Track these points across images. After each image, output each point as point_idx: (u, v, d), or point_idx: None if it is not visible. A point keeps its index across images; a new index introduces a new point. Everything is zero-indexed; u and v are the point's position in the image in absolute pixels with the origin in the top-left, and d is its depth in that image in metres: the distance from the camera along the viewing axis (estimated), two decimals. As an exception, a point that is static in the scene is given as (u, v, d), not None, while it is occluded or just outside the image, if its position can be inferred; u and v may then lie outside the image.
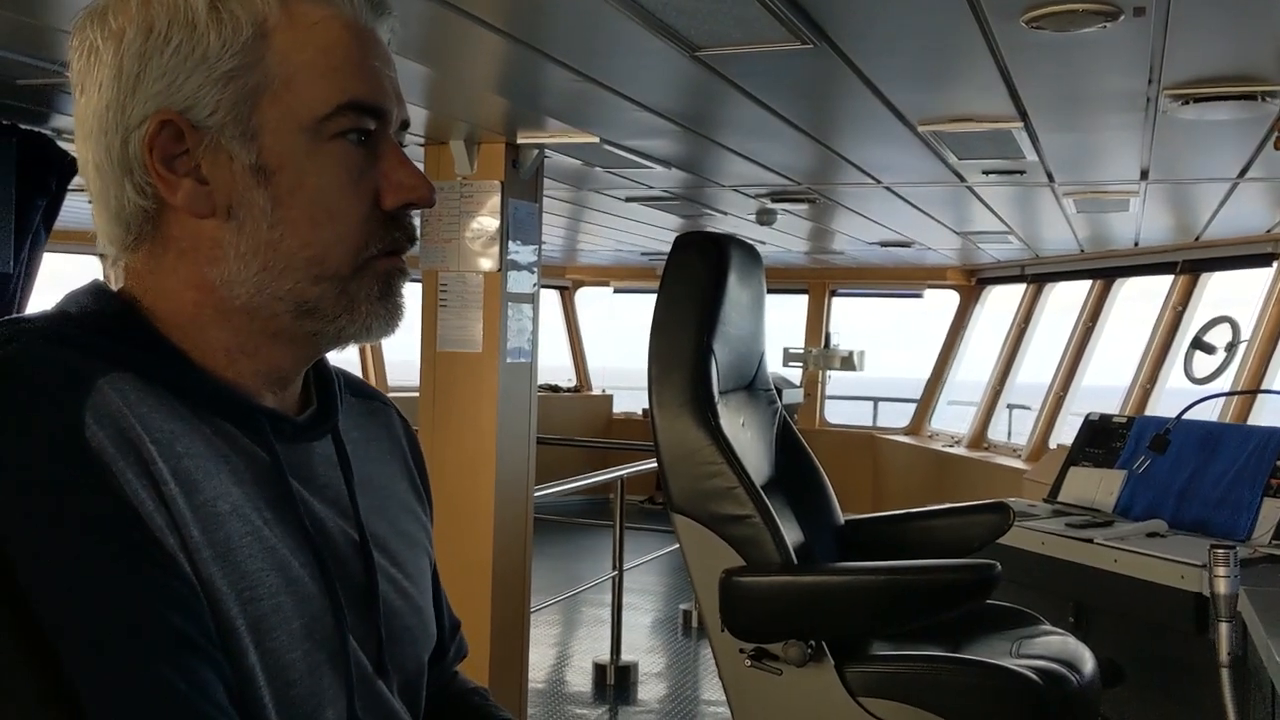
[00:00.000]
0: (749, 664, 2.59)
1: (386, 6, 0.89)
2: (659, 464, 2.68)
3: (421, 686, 0.99)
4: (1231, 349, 5.10)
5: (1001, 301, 8.72)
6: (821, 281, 9.52)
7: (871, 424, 10.20)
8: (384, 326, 0.89)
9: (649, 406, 2.72)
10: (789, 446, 3.04)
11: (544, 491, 4.42)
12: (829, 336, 9.39)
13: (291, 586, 0.82)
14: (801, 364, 9.27)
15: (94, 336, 0.82)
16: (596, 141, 3.66)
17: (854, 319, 14.93)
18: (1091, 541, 3.79)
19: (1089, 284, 7.20)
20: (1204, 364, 5.13)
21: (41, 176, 3.48)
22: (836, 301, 9.74)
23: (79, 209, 5.61)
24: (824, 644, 2.54)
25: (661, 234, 6.73)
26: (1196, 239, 5.72)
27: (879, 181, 4.48)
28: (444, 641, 1.08)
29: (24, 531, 0.71)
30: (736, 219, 5.75)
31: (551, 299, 10.59)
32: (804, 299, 9.65)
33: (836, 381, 9.76)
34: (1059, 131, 3.37)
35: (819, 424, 9.48)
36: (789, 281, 9.45)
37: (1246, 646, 2.71)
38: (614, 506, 5.12)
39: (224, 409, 0.84)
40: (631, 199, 5.21)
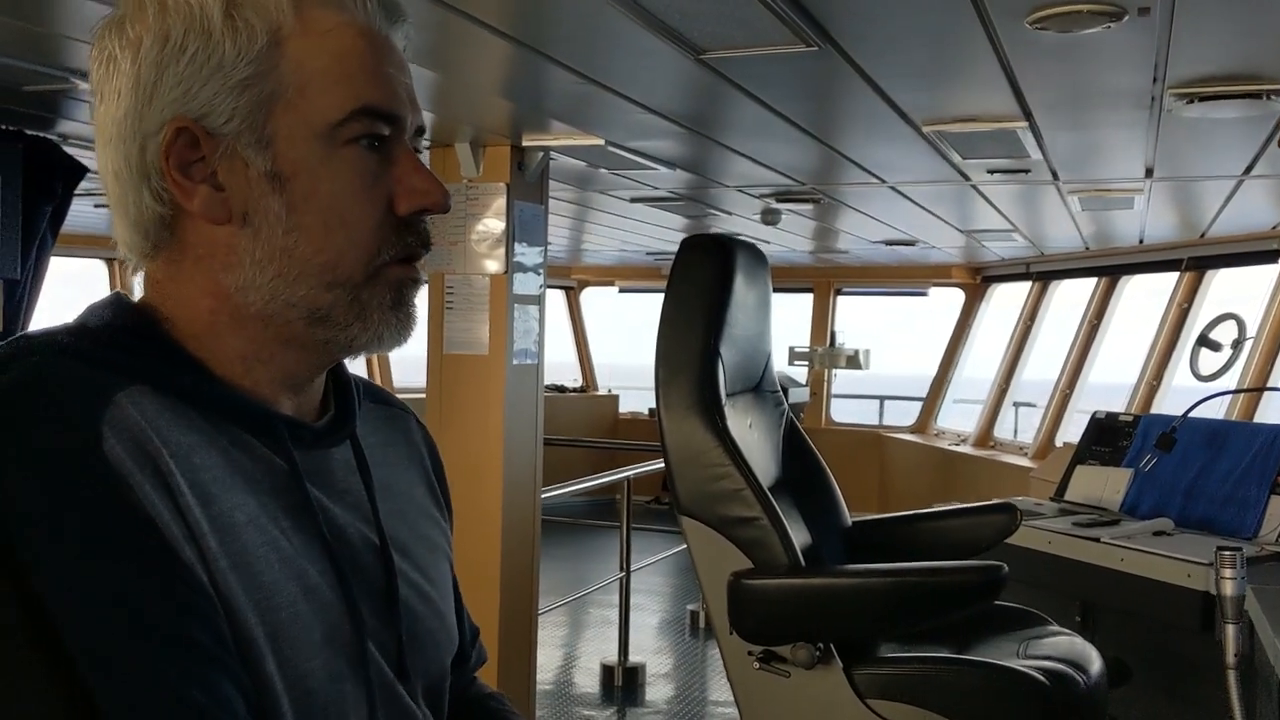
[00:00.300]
0: (757, 666, 2.59)
1: (401, 13, 0.90)
2: (666, 466, 2.69)
3: (444, 691, 1.00)
4: (1237, 346, 5.09)
5: (1007, 299, 8.72)
6: (826, 280, 9.52)
7: (878, 422, 10.20)
8: (395, 336, 0.89)
9: (656, 409, 2.72)
10: (796, 448, 3.05)
11: (551, 493, 4.42)
12: (834, 335, 9.39)
13: (310, 595, 0.83)
14: (807, 363, 9.27)
15: (111, 350, 0.83)
16: (601, 143, 3.66)
17: (859, 317, 14.92)
18: (1098, 540, 3.79)
19: (1094, 281, 7.20)
20: (1210, 361, 5.13)
21: (48, 182, 3.49)
22: (842, 300, 9.74)
23: (85, 214, 5.62)
24: (832, 646, 2.54)
25: (666, 234, 6.73)
26: (1202, 236, 5.71)
27: (883, 181, 4.48)
28: (465, 647, 1.09)
29: (43, 543, 0.72)
30: (741, 219, 5.75)
31: (557, 299, 10.60)
32: (809, 298, 9.66)
33: (842, 380, 9.76)
34: (1063, 130, 3.37)
35: (825, 423, 9.48)
36: (794, 280, 9.45)
37: (1254, 645, 2.71)
38: (621, 507, 5.13)
39: (241, 417, 0.85)
40: (636, 200, 5.21)
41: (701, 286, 2.73)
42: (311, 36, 0.84)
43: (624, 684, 4.91)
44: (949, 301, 9.14)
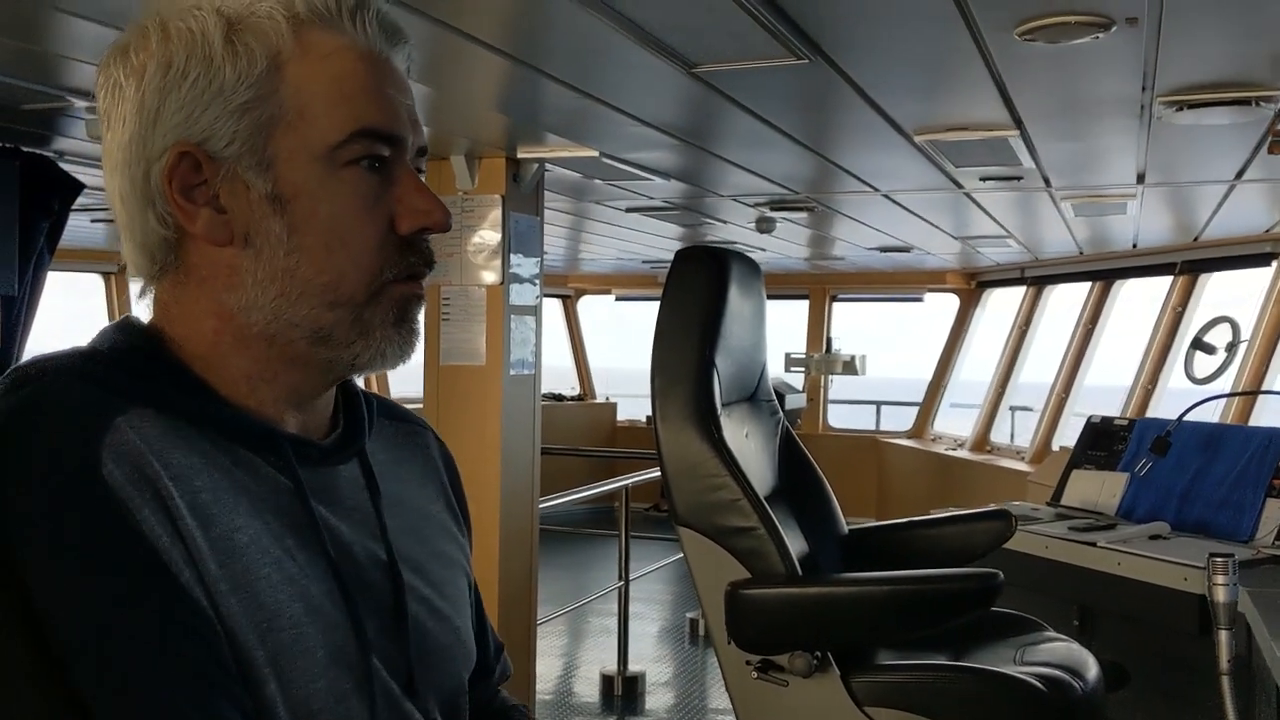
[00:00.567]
0: (755, 676, 2.60)
1: (402, 35, 0.90)
2: (663, 477, 2.70)
3: (463, 706, 1.00)
4: (1232, 349, 5.10)
5: (1002, 304, 8.75)
6: (822, 287, 9.55)
7: (875, 428, 10.22)
8: (398, 353, 0.90)
9: (653, 420, 2.73)
10: (792, 457, 3.06)
11: (549, 503, 4.43)
12: (830, 341, 9.40)
13: (313, 615, 0.83)
14: (804, 369, 9.28)
15: (116, 373, 0.84)
16: (596, 155, 3.68)
17: (856, 321, 14.95)
18: (1095, 545, 3.80)
19: (1089, 286, 7.22)
20: (1204, 364, 5.14)
21: (45, 199, 3.50)
22: (837, 305, 9.76)
23: (82, 228, 5.63)
24: (829, 654, 2.55)
25: (663, 242, 6.75)
26: (1195, 240, 5.74)
27: (877, 190, 4.50)
28: (487, 662, 1.10)
29: (43, 565, 0.73)
30: (736, 227, 5.77)
31: (554, 308, 10.61)
32: (805, 304, 9.68)
33: (839, 385, 9.77)
34: (1055, 138, 3.39)
35: (822, 428, 9.49)
36: (789, 287, 9.47)
37: (1251, 648, 2.72)
38: (619, 516, 5.13)
39: (245, 437, 0.86)
40: (632, 209, 5.23)
41: (696, 298, 2.75)
42: (311, 60, 0.85)
43: (624, 693, 4.92)
44: (945, 306, 9.17)
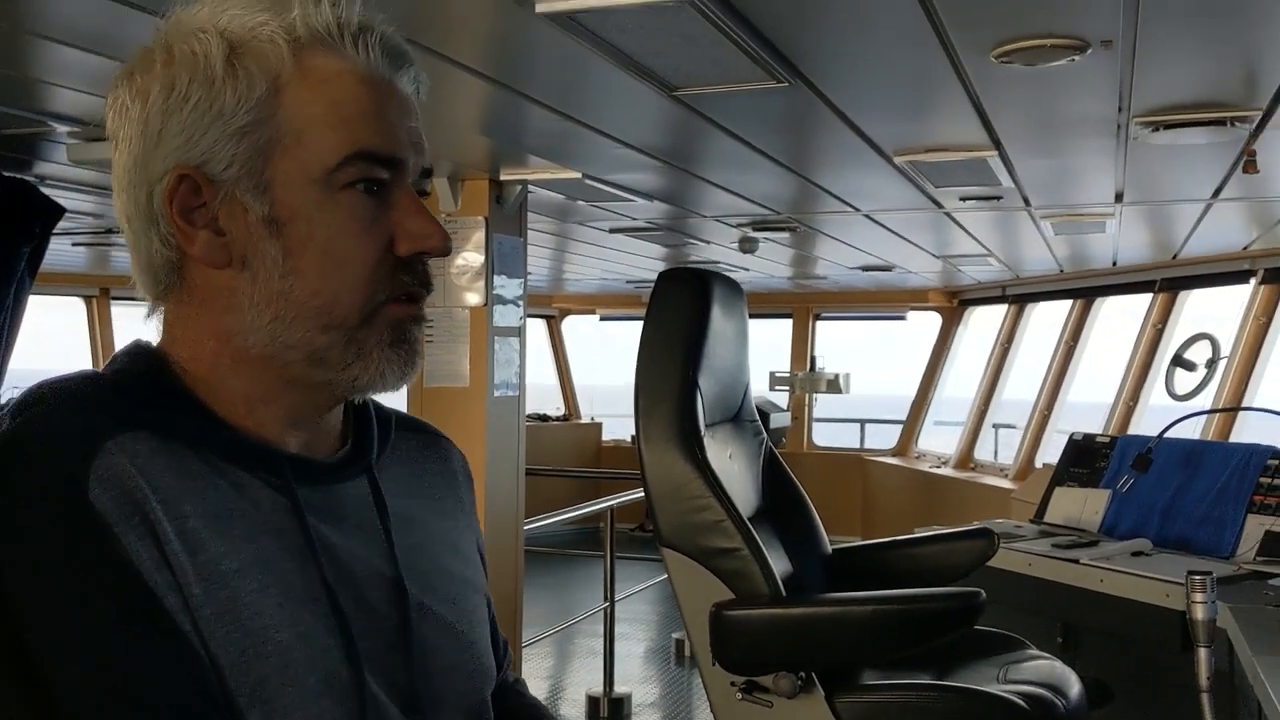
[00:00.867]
0: (740, 697, 2.60)
1: (407, 58, 0.90)
2: (647, 498, 2.70)
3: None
4: (1212, 365, 5.14)
5: (984, 321, 8.79)
6: (805, 305, 9.58)
7: (859, 446, 10.24)
8: (398, 375, 0.90)
9: (636, 441, 2.74)
10: (775, 477, 3.07)
11: (534, 524, 4.42)
12: (814, 360, 9.42)
13: (303, 641, 0.83)
14: (788, 388, 9.30)
15: (113, 397, 0.85)
16: (579, 177, 3.69)
17: (840, 338, 14.98)
18: (1078, 562, 3.82)
19: (1070, 303, 7.26)
20: (1185, 381, 5.18)
21: (26, 223, 3.48)
22: (821, 324, 9.79)
23: (63, 252, 5.62)
24: (814, 675, 2.55)
25: (646, 263, 6.76)
26: (1174, 257, 5.78)
27: (858, 210, 4.52)
28: (499, 659, 1.10)
29: (27, 590, 0.74)
30: (720, 247, 5.79)
31: (538, 328, 10.61)
32: (789, 323, 9.71)
33: (824, 403, 9.79)
34: (1033, 158, 3.42)
35: (807, 447, 9.51)
36: (773, 306, 9.50)
37: (1234, 665, 2.73)
38: (604, 536, 5.12)
39: (243, 458, 0.86)
40: (615, 230, 5.25)
41: (679, 319, 2.75)
42: (310, 83, 0.86)
43: (610, 715, 4.89)
44: (928, 324, 9.21)
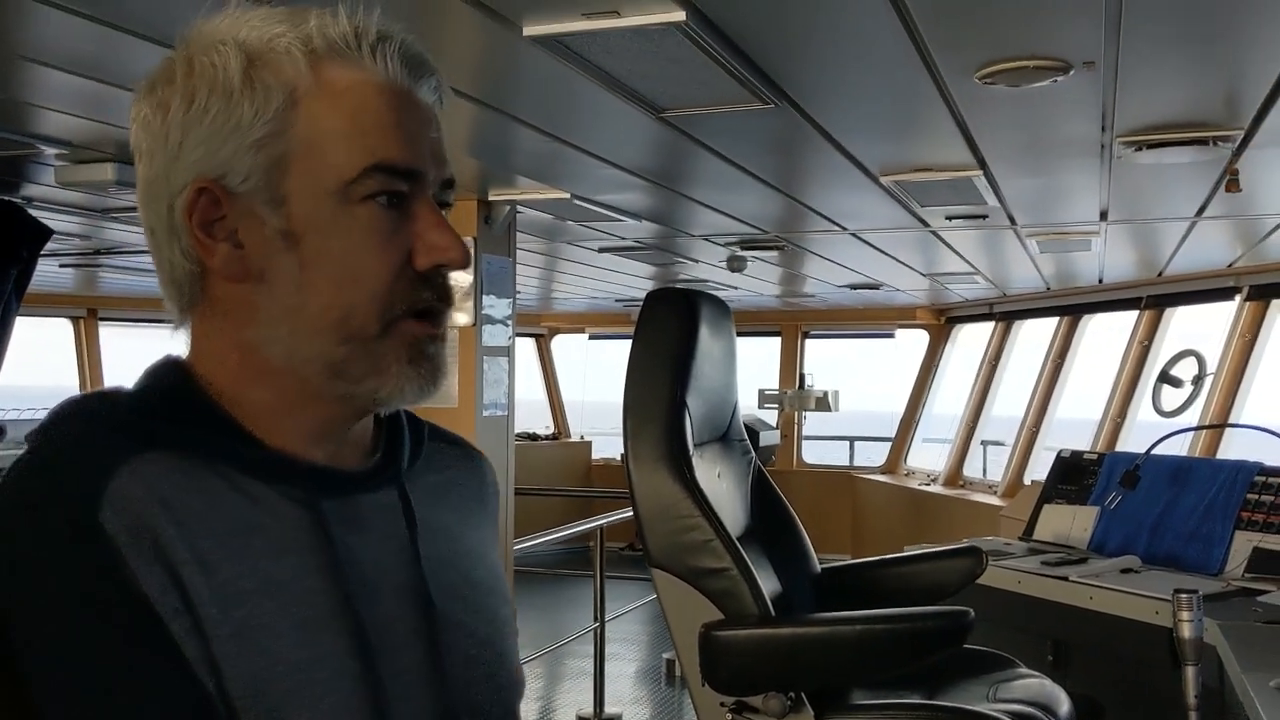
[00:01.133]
0: (730, 718, 2.59)
1: (428, 67, 0.89)
2: (636, 519, 2.70)
3: None
4: (1198, 382, 5.17)
5: (972, 339, 8.82)
6: (794, 324, 9.60)
7: (848, 463, 10.25)
8: (419, 391, 0.88)
9: (625, 461, 2.74)
10: (764, 496, 3.07)
11: (524, 544, 4.41)
12: (804, 378, 9.44)
13: (322, 661, 0.82)
14: (777, 405, 9.31)
15: (135, 416, 0.85)
16: (567, 197, 3.70)
17: (829, 356, 14.99)
18: (1067, 579, 3.83)
19: (1056, 321, 7.29)
20: (1171, 397, 5.21)
21: (13, 245, 3.48)
22: (810, 341, 9.81)
23: (50, 274, 5.60)
24: (803, 695, 2.55)
25: (635, 282, 6.78)
26: (1159, 275, 5.82)
27: (845, 229, 4.54)
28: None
29: (27, 614, 0.74)
30: (708, 266, 5.81)
31: (527, 347, 10.60)
32: (778, 341, 9.72)
33: (813, 421, 9.80)
34: (1018, 177, 3.44)
35: (796, 464, 9.51)
36: (762, 324, 9.52)
37: (1224, 681, 2.74)
38: (594, 556, 5.11)
39: (264, 472, 0.85)
40: (604, 249, 5.26)
41: (667, 339, 2.76)
42: (327, 95, 0.84)
43: (600, 735, 4.88)
44: (916, 342, 9.23)
